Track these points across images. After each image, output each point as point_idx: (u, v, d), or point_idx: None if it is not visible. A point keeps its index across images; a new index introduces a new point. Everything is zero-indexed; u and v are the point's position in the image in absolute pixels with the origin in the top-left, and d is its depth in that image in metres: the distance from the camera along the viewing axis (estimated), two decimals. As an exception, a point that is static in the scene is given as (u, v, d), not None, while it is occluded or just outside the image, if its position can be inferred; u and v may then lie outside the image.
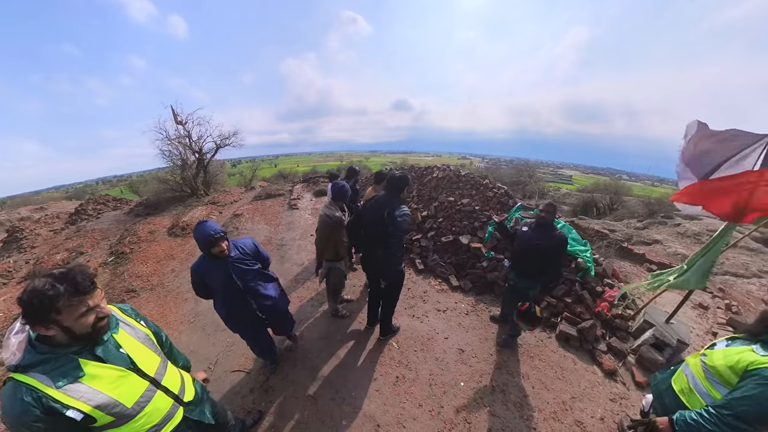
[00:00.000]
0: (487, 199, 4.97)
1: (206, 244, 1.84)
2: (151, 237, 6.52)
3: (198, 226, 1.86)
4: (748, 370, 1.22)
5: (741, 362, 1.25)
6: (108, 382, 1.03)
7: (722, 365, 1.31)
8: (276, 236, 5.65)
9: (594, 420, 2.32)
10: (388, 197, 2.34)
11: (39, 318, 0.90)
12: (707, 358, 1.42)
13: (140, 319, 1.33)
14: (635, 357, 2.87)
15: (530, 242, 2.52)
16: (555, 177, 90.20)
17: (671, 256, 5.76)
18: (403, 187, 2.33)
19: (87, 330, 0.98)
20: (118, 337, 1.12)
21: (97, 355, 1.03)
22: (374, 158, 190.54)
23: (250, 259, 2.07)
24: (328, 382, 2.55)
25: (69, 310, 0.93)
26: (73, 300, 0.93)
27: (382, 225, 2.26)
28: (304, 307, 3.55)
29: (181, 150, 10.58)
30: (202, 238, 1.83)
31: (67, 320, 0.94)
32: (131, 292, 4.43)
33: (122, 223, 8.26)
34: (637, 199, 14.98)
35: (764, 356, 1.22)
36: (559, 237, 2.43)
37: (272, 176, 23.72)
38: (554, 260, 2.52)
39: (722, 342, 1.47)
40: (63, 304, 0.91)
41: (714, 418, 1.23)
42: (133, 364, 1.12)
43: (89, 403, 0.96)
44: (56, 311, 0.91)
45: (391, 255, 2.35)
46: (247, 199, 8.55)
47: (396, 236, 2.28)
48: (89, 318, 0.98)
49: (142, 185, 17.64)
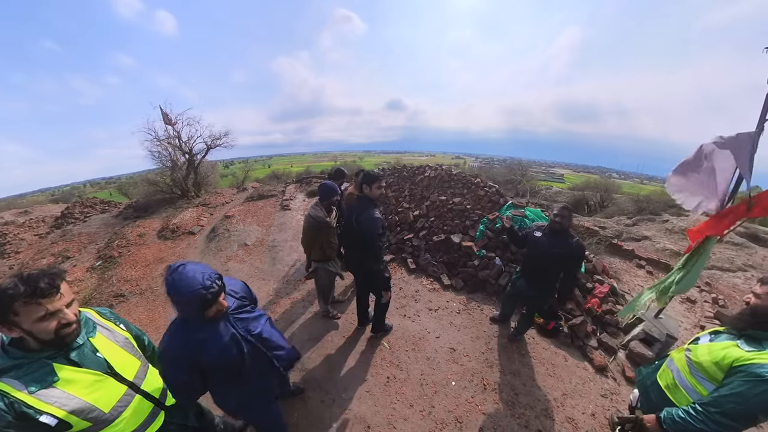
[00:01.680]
0: (478, 197, 4.98)
1: (197, 306, 1.16)
2: (140, 240, 6.40)
3: (176, 275, 1.13)
4: (734, 366, 1.22)
5: (727, 358, 1.25)
6: (83, 387, 1.00)
7: (707, 361, 1.31)
8: (268, 237, 5.59)
9: (585, 416, 2.32)
10: (360, 200, 2.37)
11: (0, 318, 0.88)
12: (692, 353, 1.42)
13: (120, 323, 1.29)
14: (625, 352, 2.89)
15: (545, 249, 2.33)
16: (547, 176, 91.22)
17: (659, 252, 5.86)
18: (368, 183, 2.27)
19: (49, 336, 0.94)
20: (95, 341, 1.10)
21: (72, 360, 1.00)
22: (368, 158, 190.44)
23: (248, 302, 1.51)
24: (317, 383, 2.52)
25: (26, 312, 0.89)
26: (30, 302, 0.89)
27: (353, 228, 2.31)
28: (294, 308, 3.50)
29: (170, 151, 10.42)
30: (189, 295, 1.12)
31: (25, 323, 0.90)
32: (120, 296, 4.34)
33: (111, 226, 8.09)
34: (626, 196, 15.22)
35: (749, 352, 1.22)
36: (577, 245, 2.27)
37: (265, 177, 23.49)
38: (571, 270, 2.37)
39: (705, 336, 1.47)
40: (19, 305, 0.88)
41: (701, 415, 1.22)
42: (110, 368, 1.09)
43: (63, 408, 0.94)
44: (13, 312, 0.88)
45: (366, 256, 2.37)
46: (239, 201, 8.44)
47: (366, 239, 2.27)
48: (50, 323, 0.93)
49: (132, 187, 17.32)
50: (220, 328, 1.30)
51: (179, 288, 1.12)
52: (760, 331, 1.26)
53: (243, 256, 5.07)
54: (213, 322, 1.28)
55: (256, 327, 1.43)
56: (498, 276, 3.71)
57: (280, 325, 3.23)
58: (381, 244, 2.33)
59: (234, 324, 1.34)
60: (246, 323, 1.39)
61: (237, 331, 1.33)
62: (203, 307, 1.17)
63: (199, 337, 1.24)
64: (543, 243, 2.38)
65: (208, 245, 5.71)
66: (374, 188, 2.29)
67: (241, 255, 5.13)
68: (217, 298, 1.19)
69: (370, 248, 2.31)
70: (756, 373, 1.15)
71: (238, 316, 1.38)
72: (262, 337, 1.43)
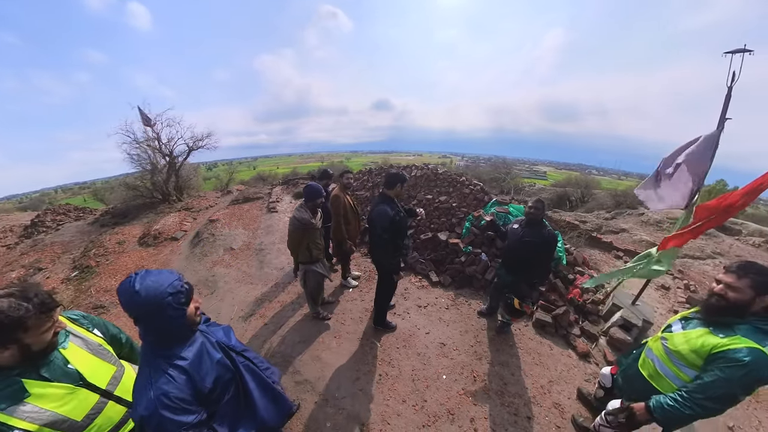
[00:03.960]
0: (463, 195, 5.08)
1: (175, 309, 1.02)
2: (119, 248, 6.14)
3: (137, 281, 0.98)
4: (713, 353, 1.29)
5: (705, 346, 1.32)
6: (55, 400, 1.00)
7: (686, 350, 1.38)
8: (255, 241, 5.50)
9: (571, 401, 2.42)
10: (380, 196, 2.59)
11: (2, 338, 0.91)
12: (669, 342, 1.49)
13: (93, 327, 1.26)
14: (606, 338, 3.03)
15: (521, 239, 2.55)
16: (531, 173, 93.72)
17: (636, 243, 6.14)
18: (394, 183, 2.51)
19: (44, 345, 0.99)
20: (66, 352, 1.08)
21: (42, 375, 1.00)
22: (355, 158, 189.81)
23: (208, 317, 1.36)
24: (310, 385, 2.51)
25: (36, 326, 0.95)
26: (42, 318, 0.95)
27: (369, 221, 2.60)
28: (284, 311, 3.47)
29: (150, 153, 10.06)
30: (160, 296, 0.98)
31: (31, 337, 0.95)
32: (100, 308, 4.15)
33: (86, 234, 7.72)
34: (605, 192, 15.89)
35: (725, 338, 1.29)
36: (551, 234, 2.49)
37: (251, 179, 23.03)
38: (544, 257, 2.56)
39: (677, 324, 1.54)
40: (32, 322, 0.93)
41: (689, 401, 1.29)
42: (82, 378, 1.08)
43: (36, 422, 0.95)
44: (24, 329, 0.93)
45: (376, 246, 2.60)
46: (224, 204, 8.25)
47: (377, 231, 2.47)
48: (49, 333, 1.00)
49: (109, 192, 16.57)
50: (202, 341, 1.13)
51: (147, 291, 0.96)
52: (729, 317, 1.33)
53: (229, 261, 4.97)
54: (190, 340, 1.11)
55: (229, 339, 1.29)
56: (484, 271, 3.80)
57: (269, 329, 3.20)
58: (387, 237, 2.50)
59: (211, 334, 1.21)
60: (216, 335, 1.25)
61: (217, 342, 1.20)
62: (184, 305, 1.02)
63: (187, 362, 1.04)
64: (520, 234, 2.61)
65: (193, 251, 5.56)
66: (402, 188, 2.56)
67: (228, 259, 5.02)
68: (190, 297, 1.08)
69: (375, 239, 2.54)
70: (735, 358, 1.23)
71: (209, 329, 1.25)
72: (241, 349, 1.30)
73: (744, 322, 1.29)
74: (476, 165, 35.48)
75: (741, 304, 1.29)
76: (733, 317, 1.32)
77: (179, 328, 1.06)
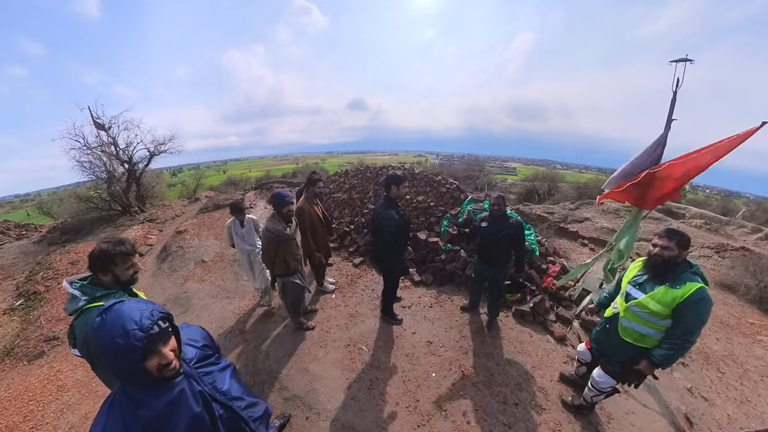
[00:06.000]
0: (440, 194, 5.20)
1: (132, 359, 0.86)
2: (73, 269, 5.54)
3: (106, 318, 0.87)
4: (681, 302, 1.64)
5: (672, 299, 1.66)
6: None
7: (658, 307, 1.71)
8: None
9: (553, 383, 2.57)
10: (384, 199, 2.63)
11: (102, 266, 1.42)
12: (641, 308, 1.78)
13: None
14: (579, 321, 3.25)
15: (492, 234, 2.79)
16: (502, 170, 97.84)
17: (598, 230, 6.65)
18: (389, 184, 2.55)
19: (128, 278, 1.50)
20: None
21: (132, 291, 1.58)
22: (331, 159, 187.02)
23: (210, 352, 1.22)
24: (300, 400, 2.43)
25: (122, 262, 1.46)
26: (125, 258, 1.47)
27: (375, 227, 2.68)
28: (266, 324, 3.34)
29: (105, 160, 9.15)
30: (114, 344, 0.84)
31: (118, 270, 1.46)
32: (54, 340, 3.66)
33: (31, 254, 6.89)
34: (569, 184, 17.01)
35: (680, 289, 1.65)
36: (516, 223, 2.78)
37: (221, 184, 21.88)
38: (517, 243, 2.82)
39: (635, 291, 1.84)
40: (119, 259, 1.45)
41: (681, 341, 1.68)
42: None
43: None
44: (114, 264, 1.44)
45: (384, 251, 2.71)
46: (192, 212, 7.77)
47: (385, 237, 2.56)
48: (131, 270, 1.51)
49: (57, 205, 14.88)
50: (182, 389, 0.98)
51: (101, 336, 0.84)
52: (669, 271, 1.72)
53: (202, 275, 4.69)
54: (167, 386, 0.95)
55: (223, 383, 1.16)
56: (464, 267, 3.92)
57: (251, 344, 3.06)
58: (393, 240, 2.58)
59: (199, 380, 1.07)
60: (212, 378, 1.13)
61: (204, 389, 1.06)
62: (141, 359, 0.86)
63: (153, 412, 0.91)
64: (489, 229, 2.82)
65: (160, 266, 5.18)
66: (401, 188, 2.57)
67: (200, 274, 4.74)
68: (156, 344, 0.89)
69: (383, 242, 2.64)
70: (698, 297, 1.61)
71: (202, 369, 1.12)
72: (232, 396, 1.16)
73: (681, 272, 1.69)
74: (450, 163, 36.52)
75: (673, 259, 1.70)
76: (671, 270, 1.71)
77: (141, 379, 0.91)
